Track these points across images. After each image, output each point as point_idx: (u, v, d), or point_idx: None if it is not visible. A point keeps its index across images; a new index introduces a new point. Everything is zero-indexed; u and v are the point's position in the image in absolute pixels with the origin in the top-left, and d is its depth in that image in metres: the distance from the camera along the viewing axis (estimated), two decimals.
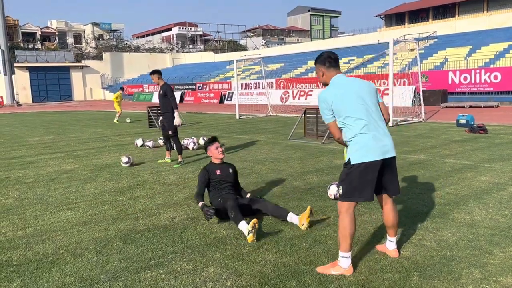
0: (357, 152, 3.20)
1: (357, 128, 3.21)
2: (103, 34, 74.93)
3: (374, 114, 3.28)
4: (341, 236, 3.28)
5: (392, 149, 3.31)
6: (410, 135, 10.96)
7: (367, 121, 3.22)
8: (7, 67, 43.05)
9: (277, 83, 31.50)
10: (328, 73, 3.41)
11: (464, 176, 6.26)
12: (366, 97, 3.29)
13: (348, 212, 3.26)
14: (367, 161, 3.18)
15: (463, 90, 22.12)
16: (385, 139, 3.26)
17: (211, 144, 5.15)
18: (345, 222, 3.26)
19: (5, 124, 20.08)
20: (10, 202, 5.70)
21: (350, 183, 3.24)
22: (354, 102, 3.23)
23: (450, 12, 50.20)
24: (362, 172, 3.19)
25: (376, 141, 3.20)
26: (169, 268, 3.46)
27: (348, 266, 3.26)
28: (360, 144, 3.20)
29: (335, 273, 3.25)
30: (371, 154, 3.18)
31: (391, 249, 3.59)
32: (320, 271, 3.30)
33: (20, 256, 3.82)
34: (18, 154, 9.98)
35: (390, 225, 3.53)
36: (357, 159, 3.20)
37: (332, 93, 3.28)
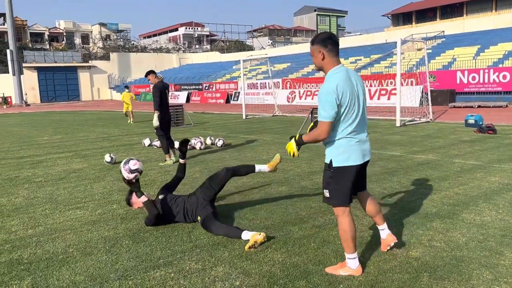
0: (341, 155, 3.11)
1: (346, 131, 3.07)
2: (110, 34, 75.39)
3: (364, 116, 3.19)
4: (343, 240, 3.24)
5: (369, 152, 3.29)
6: (418, 135, 10.90)
7: (358, 123, 3.11)
8: (15, 67, 43.42)
9: (283, 83, 31.47)
10: (329, 58, 3.06)
11: (473, 176, 6.22)
12: (361, 96, 3.14)
13: (345, 214, 3.21)
14: (351, 165, 3.12)
15: (472, 90, 21.96)
16: (366, 144, 3.23)
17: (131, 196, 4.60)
18: (344, 225, 3.19)
19: (14, 123, 20.26)
20: (20, 201, 5.75)
21: (338, 188, 3.16)
22: (355, 100, 3.06)
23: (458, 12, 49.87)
24: (347, 176, 3.13)
25: (359, 146, 3.15)
26: (178, 267, 3.47)
27: (356, 267, 3.24)
28: (344, 147, 3.10)
29: (344, 274, 3.24)
30: (354, 158, 3.12)
31: (385, 236, 3.58)
32: (329, 272, 3.29)
33: (31, 254, 3.86)
34: (27, 154, 10.06)
35: (374, 214, 3.57)
36: (340, 162, 3.11)
37: (343, 85, 2.99)
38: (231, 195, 5.69)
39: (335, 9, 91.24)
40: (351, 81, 3.06)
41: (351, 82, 3.06)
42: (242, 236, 3.95)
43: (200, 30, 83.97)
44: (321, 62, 3.10)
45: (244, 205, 5.17)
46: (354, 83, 3.09)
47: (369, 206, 3.56)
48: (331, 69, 3.09)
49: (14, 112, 32.06)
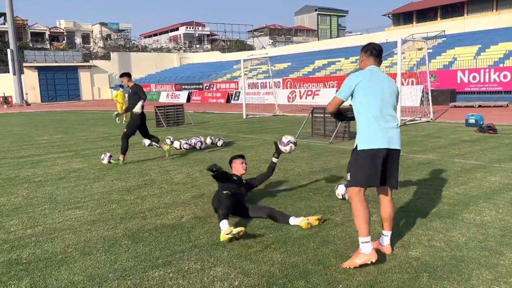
0: (364, 138, 3.41)
1: (369, 117, 3.40)
2: (111, 34, 75.44)
3: (388, 111, 3.46)
4: (357, 222, 3.37)
5: (398, 142, 3.47)
6: (418, 135, 10.89)
7: (380, 113, 3.41)
8: (16, 66, 43.47)
9: (284, 82, 31.46)
10: (366, 61, 3.61)
11: (473, 176, 6.20)
12: (387, 93, 3.47)
13: (359, 197, 3.37)
14: (372, 148, 3.36)
15: (472, 89, 21.93)
16: (391, 132, 3.44)
17: (237, 158, 5.44)
18: (358, 207, 3.36)
19: (14, 123, 20.27)
20: (19, 200, 5.75)
21: (357, 169, 3.41)
22: (375, 93, 3.42)
23: (458, 11, 49.80)
24: (368, 158, 3.36)
25: (383, 132, 3.39)
26: (177, 267, 3.47)
27: (370, 251, 3.30)
28: (367, 132, 3.40)
29: (360, 262, 3.27)
30: (377, 141, 3.36)
31: (385, 244, 3.62)
32: (347, 266, 3.31)
33: (29, 254, 3.85)
34: (27, 153, 10.06)
35: (387, 217, 3.60)
36: (363, 146, 3.40)
37: (364, 75, 3.48)
38: None
39: (336, 9, 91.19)
40: (374, 77, 3.49)
41: (373, 77, 3.48)
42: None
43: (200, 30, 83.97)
44: (360, 64, 3.71)
45: None
46: (380, 79, 3.51)
47: (386, 207, 3.60)
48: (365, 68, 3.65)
49: (14, 111, 32.08)
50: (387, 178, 3.49)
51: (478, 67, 22.58)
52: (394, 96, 3.53)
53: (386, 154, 3.39)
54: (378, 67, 3.59)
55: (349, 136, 10.29)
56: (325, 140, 10.47)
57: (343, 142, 10.12)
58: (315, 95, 26.63)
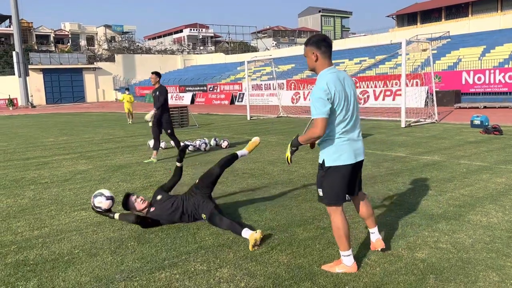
0: (333, 155, 3.18)
1: (337, 130, 3.14)
2: (115, 36, 75.70)
3: (355, 116, 3.22)
4: (337, 237, 3.30)
5: (363, 152, 3.33)
6: (423, 136, 10.85)
7: (349, 123, 3.16)
8: (21, 69, 43.74)
9: (288, 84, 31.44)
10: (323, 60, 3.15)
11: (479, 177, 6.18)
12: (352, 96, 3.19)
13: (337, 213, 3.28)
14: (341, 164, 3.18)
15: (477, 90, 21.84)
16: (358, 143, 3.27)
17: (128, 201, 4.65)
18: (337, 223, 3.26)
19: (20, 125, 20.38)
20: (26, 202, 5.78)
21: (330, 187, 3.22)
22: (345, 103, 3.10)
23: (463, 12, 49.62)
24: (337, 175, 3.20)
25: (350, 145, 3.19)
26: (183, 269, 3.48)
27: (351, 264, 3.30)
28: (335, 147, 3.17)
29: (340, 271, 3.28)
30: (345, 157, 3.18)
31: (375, 240, 3.60)
32: (325, 269, 3.34)
33: (37, 255, 3.87)
34: (33, 155, 10.12)
35: (367, 215, 3.58)
36: (331, 162, 3.19)
37: (334, 85, 3.05)
38: (236, 196, 5.69)
39: (339, 10, 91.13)
40: (341, 82, 3.12)
41: (341, 83, 3.12)
42: (242, 234, 3.99)
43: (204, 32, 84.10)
44: (314, 63, 3.18)
45: (249, 206, 5.16)
46: (344, 84, 3.15)
47: (362, 208, 3.57)
48: (323, 70, 3.17)
49: (20, 113, 32.26)
50: (355, 186, 3.38)
51: (483, 68, 22.48)
52: (355, 95, 3.23)
53: (353, 167, 3.24)
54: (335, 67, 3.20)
55: None
56: None
57: None
58: None
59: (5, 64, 55.15)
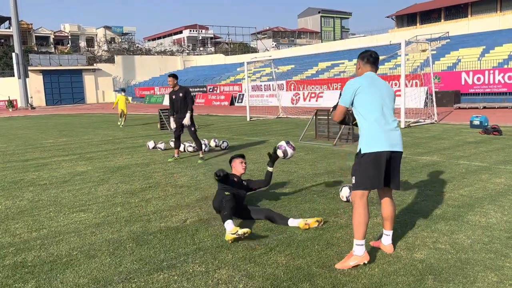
0: (367, 142, 3.45)
1: (371, 120, 3.46)
2: (115, 37, 75.77)
3: (387, 113, 3.52)
4: (356, 224, 3.42)
5: (400, 144, 3.53)
6: (423, 137, 10.85)
7: (380, 116, 3.46)
8: (21, 70, 43.77)
9: (287, 85, 31.46)
10: (363, 68, 3.69)
11: (478, 178, 6.18)
12: (385, 97, 3.55)
13: (362, 200, 3.44)
14: (376, 151, 3.41)
15: (477, 91, 21.85)
16: (393, 134, 3.49)
17: (238, 158, 5.41)
18: (359, 209, 3.41)
19: (19, 126, 20.38)
20: (24, 203, 5.78)
21: (361, 172, 3.45)
22: (374, 97, 3.49)
23: (462, 12, 49.67)
24: (372, 162, 3.41)
25: (385, 134, 3.44)
26: (182, 270, 3.47)
27: (363, 253, 3.38)
28: (370, 135, 3.45)
29: (353, 264, 3.35)
30: (380, 144, 3.41)
31: (387, 244, 3.69)
32: (339, 267, 3.37)
33: (35, 257, 3.87)
34: (32, 156, 10.11)
35: (388, 217, 3.66)
36: (366, 149, 3.44)
37: (362, 81, 3.55)
38: None
39: (339, 11, 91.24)
40: (372, 82, 3.56)
41: (372, 82, 3.56)
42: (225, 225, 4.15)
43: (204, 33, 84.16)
44: (357, 71, 3.77)
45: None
46: (377, 84, 3.58)
47: (387, 207, 3.66)
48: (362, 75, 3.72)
49: (19, 115, 32.26)
50: (390, 179, 3.55)
51: (482, 69, 22.48)
52: (392, 99, 3.62)
53: (389, 156, 3.45)
54: (375, 73, 3.66)
55: (353, 138, 10.27)
56: (329, 142, 10.45)
57: (347, 144, 10.10)
58: (318, 97, 26.62)
59: (4, 65, 55.19)
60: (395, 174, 3.58)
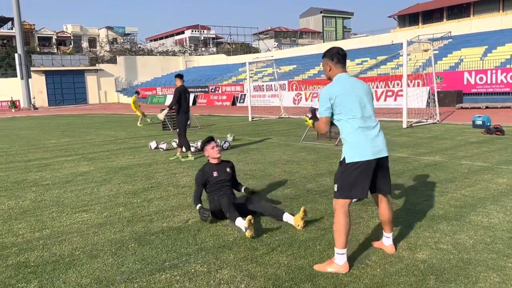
0: (352, 151, 3.33)
1: (353, 127, 3.33)
2: (117, 38, 75.91)
3: (369, 117, 3.40)
4: (336, 233, 3.36)
5: (385, 148, 3.43)
6: (425, 137, 10.84)
7: (362, 121, 3.35)
8: (24, 71, 43.89)
9: (289, 85, 31.44)
10: (335, 69, 3.49)
11: (481, 178, 6.17)
12: (364, 98, 3.41)
13: (343, 208, 3.36)
14: (361, 160, 3.29)
15: (479, 90, 21.79)
16: (377, 140, 3.38)
17: (208, 144, 5.05)
18: (340, 218, 3.34)
19: (22, 127, 20.44)
20: (27, 204, 5.80)
21: (344, 180, 3.34)
22: (354, 101, 3.35)
23: (465, 12, 49.58)
24: (356, 171, 3.30)
25: (368, 141, 3.32)
26: (184, 270, 3.48)
27: (343, 263, 3.34)
28: (354, 144, 3.33)
29: (331, 271, 3.32)
30: (364, 153, 3.30)
31: (388, 244, 3.68)
32: (317, 269, 3.37)
33: (37, 257, 3.88)
34: (35, 157, 10.14)
35: (386, 221, 3.64)
36: (351, 158, 3.32)
37: (338, 89, 3.37)
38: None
39: (341, 11, 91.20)
40: (349, 86, 3.39)
41: (349, 86, 3.39)
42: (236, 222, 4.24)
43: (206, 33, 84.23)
44: (328, 72, 3.55)
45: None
46: (353, 86, 3.40)
47: (384, 213, 3.61)
48: (334, 77, 3.52)
49: (22, 115, 32.36)
50: (379, 185, 3.48)
51: (485, 68, 22.43)
52: (371, 98, 3.47)
53: (375, 163, 3.34)
54: (347, 74, 3.47)
55: None
56: (331, 142, 10.45)
57: None
58: None
59: (7, 66, 55.38)
60: (384, 179, 3.48)
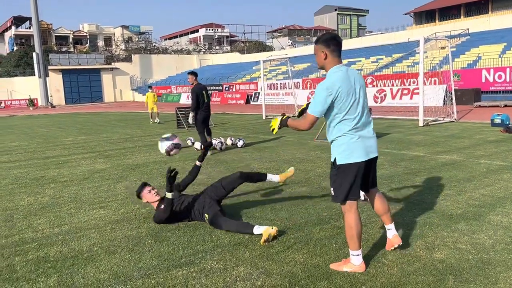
0: (344, 152, 3.20)
1: (347, 127, 3.18)
2: (132, 37, 76.56)
3: (364, 118, 3.25)
4: (348, 236, 3.30)
5: (376, 149, 3.35)
6: (442, 135, 10.69)
7: (358, 120, 3.19)
8: (41, 70, 44.60)
9: (303, 83, 31.34)
10: (331, 58, 3.17)
11: (500, 177, 6.06)
12: (362, 94, 3.22)
13: (351, 211, 3.28)
14: (352, 162, 3.19)
15: (498, 88, 21.40)
16: (370, 140, 3.28)
17: (143, 189, 4.71)
18: (350, 221, 3.27)
19: (40, 125, 20.79)
20: (46, 200, 5.90)
21: (343, 185, 3.22)
22: (353, 100, 3.15)
23: (483, 9, 48.65)
24: (349, 173, 3.21)
25: (361, 142, 3.21)
26: (200, 267, 3.50)
27: (360, 263, 3.29)
28: (346, 145, 3.19)
29: (348, 270, 3.28)
30: (357, 155, 3.19)
31: (391, 236, 3.59)
32: (333, 268, 3.34)
33: (57, 252, 3.95)
34: (53, 154, 10.32)
35: (382, 212, 3.56)
36: (343, 160, 3.21)
37: (340, 86, 3.08)
38: (252, 195, 5.69)
39: (356, 8, 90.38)
40: (349, 81, 3.14)
41: (349, 81, 3.14)
42: (254, 231, 4.02)
43: (220, 31, 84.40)
44: (323, 61, 3.21)
45: (265, 205, 5.16)
46: (353, 82, 3.16)
47: (377, 204, 3.56)
48: (331, 68, 3.20)
49: (40, 113, 32.93)
50: (369, 182, 3.45)
51: (503, 66, 22.00)
52: (364, 91, 3.25)
53: (365, 164, 3.25)
54: (345, 65, 3.21)
55: None
56: None
57: None
58: None
59: (25, 65, 56.35)
60: (373, 176, 3.46)
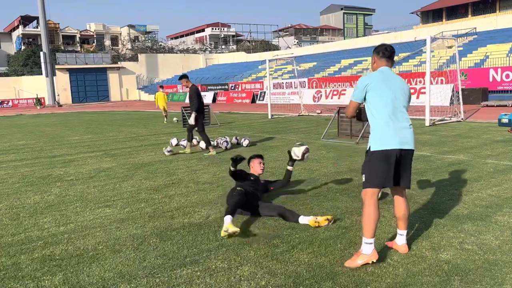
0: (377, 139, 3.42)
1: (381, 118, 3.42)
2: (139, 36, 76.74)
3: (399, 110, 3.45)
4: (365, 222, 3.39)
5: (411, 142, 3.46)
6: (448, 135, 10.62)
7: (391, 113, 3.41)
8: (48, 69, 44.83)
9: (309, 82, 31.27)
10: (379, 63, 3.63)
11: (507, 177, 6.00)
12: (399, 94, 3.48)
13: (372, 198, 3.40)
14: (385, 149, 3.36)
15: (505, 88, 21.21)
16: (404, 132, 3.43)
17: (256, 158, 5.41)
18: (369, 208, 3.37)
19: (47, 123, 20.92)
20: (52, 198, 5.94)
21: (370, 169, 3.42)
22: (387, 93, 3.43)
23: (490, 8, 48.22)
24: (381, 159, 3.37)
25: (395, 132, 3.39)
26: (204, 266, 3.50)
27: (371, 252, 3.35)
28: (380, 133, 3.42)
29: (361, 262, 3.33)
30: (389, 142, 3.37)
31: (400, 244, 3.63)
32: (348, 265, 3.37)
33: (62, 251, 3.97)
34: (59, 153, 10.37)
35: (401, 216, 3.61)
36: (376, 147, 3.41)
37: (374, 77, 3.50)
38: None
39: (362, 7, 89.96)
40: (386, 77, 3.51)
41: (386, 77, 3.50)
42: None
43: (226, 31, 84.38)
44: (372, 65, 3.73)
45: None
46: (390, 79, 3.52)
47: (400, 206, 3.59)
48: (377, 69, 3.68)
49: (47, 112, 33.14)
50: (400, 178, 3.49)
51: (511, 65, 21.82)
52: (406, 96, 3.53)
53: (399, 154, 3.38)
54: (389, 68, 3.60)
55: None
56: (352, 140, 10.35)
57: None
58: (341, 94, 26.36)
59: (33, 64, 56.68)
60: (406, 172, 3.51)
